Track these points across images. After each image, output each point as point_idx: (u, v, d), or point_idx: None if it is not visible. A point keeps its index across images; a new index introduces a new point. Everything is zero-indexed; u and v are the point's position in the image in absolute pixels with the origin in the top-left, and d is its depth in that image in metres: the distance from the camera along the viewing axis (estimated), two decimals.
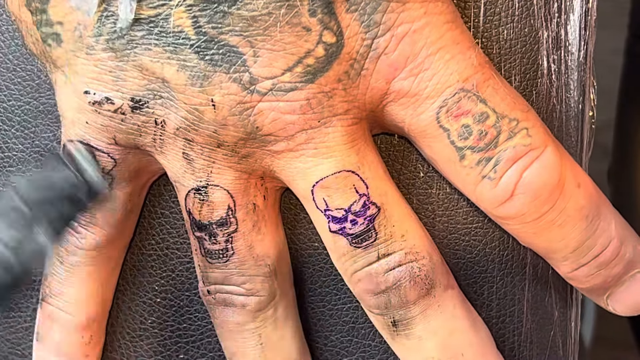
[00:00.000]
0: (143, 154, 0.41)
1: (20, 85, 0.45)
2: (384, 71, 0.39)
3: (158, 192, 0.45)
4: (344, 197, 0.40)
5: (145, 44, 0.38)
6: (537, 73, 0.43)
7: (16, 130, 0.45)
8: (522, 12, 0.42)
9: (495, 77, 0.40)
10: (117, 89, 0.39)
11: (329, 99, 0.38)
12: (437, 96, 0.39)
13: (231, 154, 0.40)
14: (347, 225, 0.41)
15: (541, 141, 0.40)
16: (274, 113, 0.38)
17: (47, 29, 0.39)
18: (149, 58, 0.38)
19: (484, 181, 0.40)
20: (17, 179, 0.38)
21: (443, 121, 0.40)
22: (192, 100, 0.38)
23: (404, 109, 0.40)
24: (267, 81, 0.38)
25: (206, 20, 0.37)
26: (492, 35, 0.42)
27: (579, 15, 0.43)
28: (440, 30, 0.39)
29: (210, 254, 0.42)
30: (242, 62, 0.38)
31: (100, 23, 0.38)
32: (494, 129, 0.40)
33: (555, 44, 0.43)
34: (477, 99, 0.39)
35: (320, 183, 0.40)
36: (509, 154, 0.40)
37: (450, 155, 0.40)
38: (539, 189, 0.40)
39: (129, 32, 0.38)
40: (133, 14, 0.37)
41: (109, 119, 0.40)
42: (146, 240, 0.46)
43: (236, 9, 0.37)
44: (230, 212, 0.41)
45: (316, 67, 0.38)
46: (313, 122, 0.39)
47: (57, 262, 0.44)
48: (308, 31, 0.37)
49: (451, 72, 0.39)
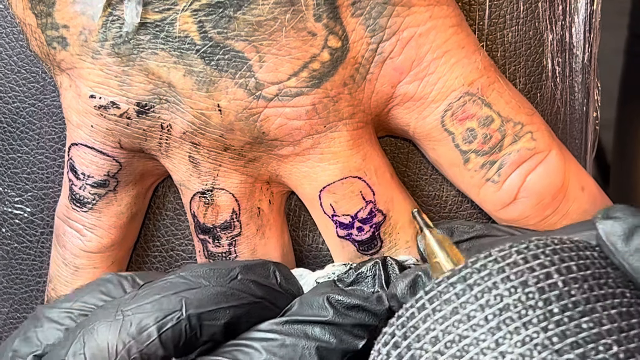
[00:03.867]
0: (148, 158, 0.41)
1: (25, 87, 0.45)
2: (389, 75, 0.39)
3: (163, 194, 0.45)
4: (351, 204, 0.40)
5: (152, 48, 0.38)
6: (542, 76, 0.43)
7: (21, 132, 0.45)
8: (527, 15, 0.42)
9: (500, 81, 0.40)
10: (123, 93, 0.39)
11: (334, 104, 0.39)
12: (442, 100, 0.39)
13: (237, 158, 0.40)
14: (354, 232, 0.41)
15: (545, 145, 0.40)
16: (281, 119, 0.38)
17: (53, 32, 0.39)
18: (155, 62, 0.38)
19: (488, 184, 0.40)
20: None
21: (448, 125, 0.40)
22: (199, 105, 0.38)
23: (409, 113, 0.40)
24: (273, 86, 0.38)
25: (212, 25, 0.37)
26: (497, 38, 0.42)
27: (583, 18, 0.43)
28: (446, 34, 0.39)
29: (214, 256, 0.42)
30: (248, 67, 0.38)
31: (105, 28, 0.38)
32: (498, 133, 0.40)
33: (560, 47, 0.43)
34: (482, 102, 0.39)
35: (327, 188, 0.40)
36: (513, 158, 0.40)
37: (455, 158, 0.40)
38: (542, 193, 0.40)
39: (134, 36, 0.38)
40: (139, 18, 0.37)
41: (115, 123, 0.40)
42: (151, 242, 0.46)
43: (242, 14, 0.37)
44: (234, 216, 0.41)
45: (322, 72, 0.38)
46: (319, 127, 0.39)
47: (61, 264, 0.44)
48: (313, 36, 0.37)
49: (456, 76, 0.39)
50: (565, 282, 0.33)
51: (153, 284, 0.38)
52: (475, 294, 0.33)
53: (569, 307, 0.32)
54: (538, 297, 0.32)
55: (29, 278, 0.47)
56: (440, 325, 0.33)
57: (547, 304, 0.32)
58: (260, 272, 0.39)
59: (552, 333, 0.31)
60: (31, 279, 0.47)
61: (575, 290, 0.32)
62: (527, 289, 0.32)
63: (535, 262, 0.33)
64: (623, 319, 0.32)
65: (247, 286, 0.38)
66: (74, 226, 0.43)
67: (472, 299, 0.33)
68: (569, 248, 0.34)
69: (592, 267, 0.33)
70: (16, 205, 0.46)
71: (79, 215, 0.42)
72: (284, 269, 0.40)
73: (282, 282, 0.39)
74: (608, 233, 0.34)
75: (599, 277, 0.33)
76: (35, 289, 0.47)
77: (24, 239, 0.47)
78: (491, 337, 0.32)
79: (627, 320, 0.32)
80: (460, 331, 0.32)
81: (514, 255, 0.33)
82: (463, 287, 0.33)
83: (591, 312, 0.32)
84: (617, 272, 0.34)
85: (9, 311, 0.48)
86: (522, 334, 0.31)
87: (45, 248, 0.46)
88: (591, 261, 0.34)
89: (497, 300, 0.32)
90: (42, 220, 0.46)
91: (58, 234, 0.44)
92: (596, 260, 0.34)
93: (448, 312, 0.33)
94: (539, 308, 0.32)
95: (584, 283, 0.33)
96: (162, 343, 0.36)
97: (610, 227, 0.34)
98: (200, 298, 0.37)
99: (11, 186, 0.46)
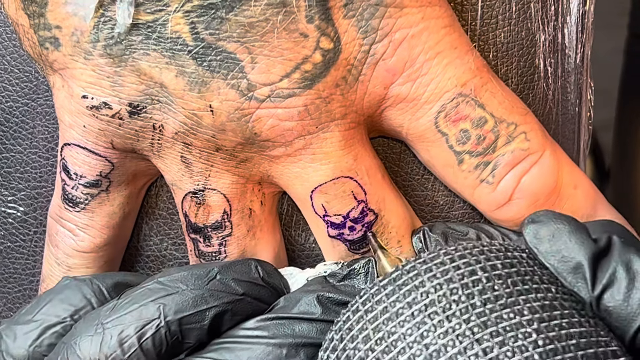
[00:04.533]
0: (140, 158, 0.42)
1: (18, 86, 0.45)
2: (381, 76, 0.39)
3: (156, 194, 0.45)
4: (343, 204, 0.40)
5: (144, 49, 0.38)
6: (534, 76, 0.43)
7: (14, 132, 0.45)
8: (519, 15, 0.42)
9: (493, 81, 0.40)
10: (115, 94, 0.39)
11: (326, 105, 0.39)
12: (436, 101, 0.39)
13: (229, 158, 0.40)
14: (345, 231, 0.41)
15: (539, 145, 0.40)
16: (272, 120, 0.38)
17: (45, 32, 0.39)
18: (147, 63, 0.38)
19: (482, 185, 0.41)
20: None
21: (441, 126, 0.40)
22: (191, 106, 0.38)
23: (402, 114, 0.40)
24: (265, 88, 0.38)
25: (204, 27, 0.37)
26: (489, 39, 0.42)
27: (575, 18, 0.43)
28: (438, 35, 0.39)
29: (204, 255, 0.42)
30: (240, 68, 0.38)
31: (97, 29, 0.38)
32: (492, 134, 0.40)
33: (552, 47, 0.43)
34: (475, 103, 0.39)
35: (319, 189, 0.40)
36: (507, 159, 0.40)
37: (449, 159, 0.40)
38: (536, 193, 0.40)
39: (126, 37, 0.38)
40: (131, 19, 0.37)
41: (107, 123, 0.40)
42: (144, 241, 0.46)
43: (234, 15, 0.37)
44: (225, 216, 0.41)
45: (314, 73, 0.38)
46: (311, 128, 0.39)
47: (54, 263, 0.44)
48: (305, 37, 0.37)
49: (449, 77, 0.39)
50: (489, 279, 0.34)
51: (132, 292, 0.38)
52: (404, 293, 0.35)
53: (490, 300, 0.34)
54: (462, 292, 0.34)
55: (22, 277, 0.47)
56: (372, 324, 0.35)
57: (469, 297, 0.34)
58: (240, 269, 0.39)
59: (473, 324, 0.33)
60: (24, 278, 0.47)
61: (498, 286, 0.34)
62: (452, 284, 0.34)
63: (461, 261, 0.35)
64: (545, 311, 0.33)
65: (226, 285, 0.38)
66: (67, 226, 0.43)
67: (400, 297, 0.35)
68: (497, 249, 0.36)
69: (518, 266, 0.35)
70: (9, 205, 0.46)
71: (72, 215, 0.42)
72: (266, 265, 0.40)
73: (264, 276, 0.39)
74: (532, 236, 0.36)
75: (524, 274, 0.35)
76: (29, 288, 0.48)
77: (17, 238, 0.47)
78: (417, 331, 0.33)
79: (548, 312, 0.33)
80: (389, 328, 0.34)
81: (442, 256, 0.35)
82: (393, 288, 0.35)
83: (513, 305, 0.33)
84: (545, 271, 0.36)
85: (2, 310, 0.48)
86: (445, 326, 0.33)
87: (38, 247, 0.46)
88: (518, 260, 0.36)
89: (423, 297, 0.34)
90: (36, 220, 0.46)
91: (51, 234, 0.44)
92: (523, 260, 0.36)
93: (379, 311, 0.35)
94: (461, 302, 0.34)
95: (507, 279, 0.34)
96: (144, 352, 0.37)
97: (534, 230, 0.36)
98: (178, 303, 0.38)
99: (4, 185, 0.46)
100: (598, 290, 0.35)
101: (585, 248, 0.36)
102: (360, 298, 0.36)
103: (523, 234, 0.37)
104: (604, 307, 0.35)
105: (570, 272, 0.35)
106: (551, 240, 0.36)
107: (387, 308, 0.35)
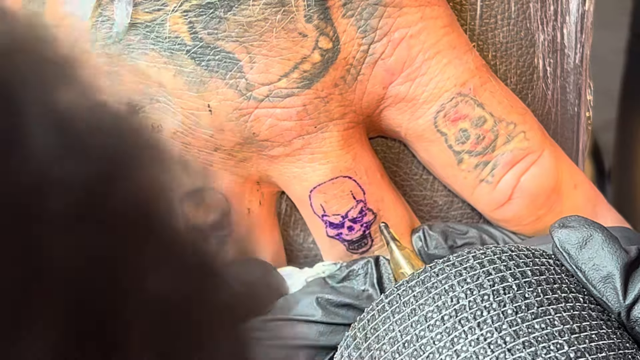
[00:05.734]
0: None
1: None
2: (380, 76, 0.39)
3: None
4: (341, 203, 0.40)
5: (142, 48, 0.38)
6: (533, 76, 0.43)
7: None
8: (518, 15, 0.42)
9: (492, 81, 0.40)
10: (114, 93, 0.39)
11: (325, 104, 0.39)
12: (435, 101, 0.39)
13: (228, 158, 0.40)
14: (344, 231, 0.41)
15: (538, 144, 0.40)
16: (271, 119, 0.38)
17: None
18: (146, 63, 0.38)
19: (482, 185, 0.41)
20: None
21: (441, 126, 0.40)
22: (189, 105, 0.38)
23: (401, 114, 0.40)
24: (263, 87, 0.38)
25: (202, 26, 0.37)
26: (488, 38, 0.42)
27: (575, 18, 0.43)
28: (437, 35, 0.39)
29: None
30: (239, 68, 0.38)
31: (95, 29, 0.38)
32: (491, 133, 0.40)
33: (551, 47, 0.43)
34: (474, 103, 0.39)
35: (317, 189, 0.40)
36: (506, 158, 0.40)
37: (448, 159, 0.40)
38: (536, 193, 0.40)
39: (125, 36, 0.38)
40: (129, 18, 0.37)
41: None
42: None
43: (232, 15, 0.37)
44: (224, 216, 0.41)
45: (312, 73, 0.38)
46: (309, 128, 0.39)
47: None
48: (304, 37, 0.37)
49: (448, 77, 0.39)
50: (519, 286, 0.34)
51: None
52: (433, 296, 0.34)
53: (522, 309, 0.33)
54: (493, 299, 0.33)
55: None
56: (399, 326, 0.34)
57: (501, 305, 0.33)
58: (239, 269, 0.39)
59: (505, 333, 0.32)
60: None
61: (529, 294, 0.34)
62: (483, 291, 0.34)
63: (491, 266, 0.34)
64: (575, 321, 0.33)
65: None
66: None
67: (429, 300, 0.34)
68: (525, 255, 0.35)
69: (546, 273, 0.35)
70: None
71: None
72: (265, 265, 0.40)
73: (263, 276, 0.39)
74: (562, 241, 0.36)
75: (553, 282, 0.35)
76: None
77: None
78: (447, 337, 0.33)
79: (579, 323, 0.33)
80: (418, 331, 0.34)
81: (471, 260, 0.35)
82: (421, 290, 0.35)
83: (544, 314, 0.33)
84: (572, 279, 0.35)
85: None
86: (477, 334, 0.33)
87: None
88: (546, 267, 0.35)
89: (453, 302, 0.34)
90: None
91: None
92: (551, 267, 0.35)
93: (407, 313, 0.34)
94: (493, 309, 0.33)
95: (537, 287, 0.34)
96: None
97: (565, 235, 0.36)
98: None
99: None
100: (629, 300, 0.35)
101: (617, 258, 0.35)
102: (387, 298, 0.35)
103: (552, 237, 0.36)
104: (635, 317, 0.35)
105: (600, 281, 0.35)
106: (583, 247, 0.35)
107: (415, 310, 0.34)
